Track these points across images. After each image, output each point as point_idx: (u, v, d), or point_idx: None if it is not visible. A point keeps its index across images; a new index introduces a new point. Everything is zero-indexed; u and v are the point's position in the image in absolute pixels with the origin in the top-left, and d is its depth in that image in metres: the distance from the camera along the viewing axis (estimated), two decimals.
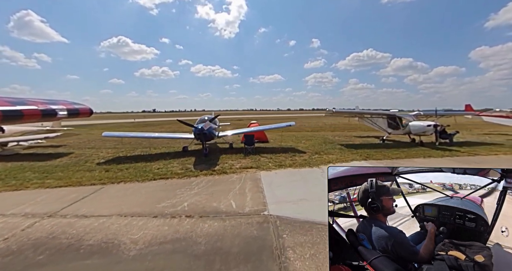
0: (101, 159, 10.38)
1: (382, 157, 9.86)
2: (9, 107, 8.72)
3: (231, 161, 9.46)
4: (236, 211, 4.97)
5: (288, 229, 4.17)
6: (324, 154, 10.46)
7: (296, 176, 7.37)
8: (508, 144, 13.32)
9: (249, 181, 6.97)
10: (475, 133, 20.16)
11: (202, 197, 5.78)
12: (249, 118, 47.23)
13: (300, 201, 5.39)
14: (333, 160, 9.36)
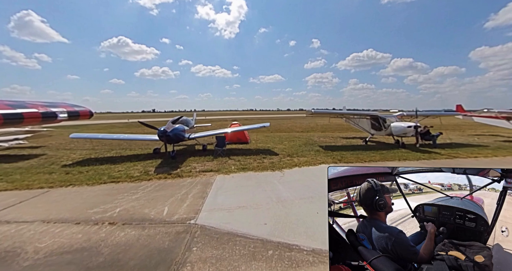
0: (70, 161, 10.14)
1: (354, 159, 9.70)
2: (9, 111, 8.75)
3: (195, 164, 9.26)
4: (162, 219, 4.79)
5: (203, 241, 3.98)
6: (296, 157, 10.23)
7: (252, 181, 7.15)
8: (494, 146, 13.11)
9: (199, 185, 6.77)
10: (466, 134, 19.95)
11: (140, 202, 5.62)
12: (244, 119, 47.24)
13: (237, 209, 5.22)
14: (302, 163, 9.13)
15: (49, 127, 18.06)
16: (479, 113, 19.89)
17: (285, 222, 4.55)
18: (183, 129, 11.12)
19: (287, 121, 39.54)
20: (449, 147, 12.81)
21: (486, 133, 19.52)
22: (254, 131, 22.14)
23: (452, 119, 22.34)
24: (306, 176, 7.50)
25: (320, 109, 15.79)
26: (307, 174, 7.67)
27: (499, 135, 18.19)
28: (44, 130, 16.10)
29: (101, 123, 39.52)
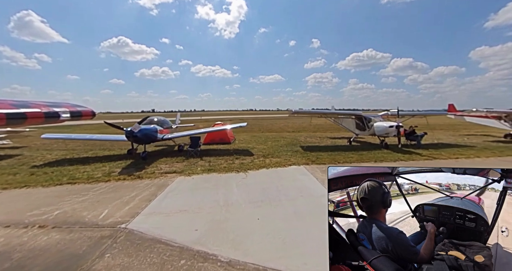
0: (42, 161, 10.05)
1: (329, 161, 9.50)
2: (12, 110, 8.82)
3: (163, 165, 9.16)
4: (95, 223, 4.68)
5: (121, 247, 3.83)
6: (270, 157, 10.13)
7: (210, 183, 7.05)
8: (481, 146, 12.91)
9: (153, 187, 6.68)
10: (458, 134, 19.68)
11: (83, 205, 5.52)
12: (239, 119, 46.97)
13: (176, 213, 5.09)
14: (272, 164, 9.00)
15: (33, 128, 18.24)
16: (468, 113, 19.53)
17: (217, 229, 4.42)
18: (155, 129, 11.03)
19: (281, 120, 39.52)
20: (434, 147, 12.64)
21: (478, 133, 19.29)
22: (244, 131, 22.38)
23: (447, 119, 21.98)
24: (269, 178, 7.37)
25: (303, 109, 15.73)
26: (271, 176, 7.55)
27: (491, 135, 18.00)
28: (26, 130, 16.13)
29: (96, 123, 39.58)
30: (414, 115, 16.45)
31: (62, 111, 10.92)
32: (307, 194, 5.87)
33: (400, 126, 11.91)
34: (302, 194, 5.91)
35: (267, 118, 48.86)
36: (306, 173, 7.80)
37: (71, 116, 11.46)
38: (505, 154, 10.62)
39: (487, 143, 13.96)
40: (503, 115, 16.18)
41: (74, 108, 12.10)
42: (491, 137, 17.13)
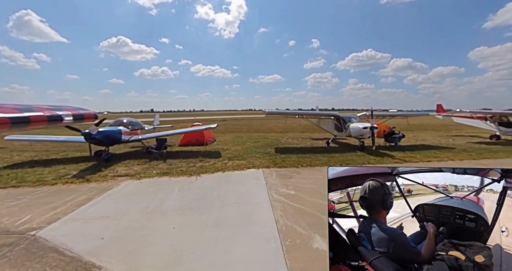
0: (6, 163, 9.89)
1: (293, 163, 9.06)
2: (16, 114, 8.88)
3: (122, 168, 8.89)
4: (7, 229, 4.44)
5: (13, 256, 3.60)
6: (235, 160, 9.85)
7: (155, 187, 6.73)
8: (461, 148, 12.49)
9: (94, 191, 6.40)
10: (446, 134, 19.23)
11: (12, 209, 5.30)
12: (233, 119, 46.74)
13: (97, 220, 4.84)
14: (232, 167, 8.69)
15: None
16: (452, 113, 18.95)
17: (124, 238, 4.16)
18: (118, 131, 10.89)
19: (273, 121, 38.58)
20: (412, 149, 12.18)
21: (467, 134, 18.85)
22: (231, 131, 22.18)
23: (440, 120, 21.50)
24: (217, 182, 7.08)
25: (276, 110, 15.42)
26: (220, 180, 7.25)
27: (479, 135, 17.60)
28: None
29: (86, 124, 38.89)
30: (394, 115, 15.90)
31: (65, 114, 10.99)
32: (245, 201, 5.59)
33: (374, 128, 11.44)
34: (240, 200, 5.63)
35: (260, 118, 48.41)
36: (260, 177, 7.48)
37: (73, 119, 11.53)
38: (481, 156, 10.23)
39: (469, 145, 13.66)
40: (488, 116, 15.88)
41: (76, 111, 12.18)
42: (478, 138, 16.79)
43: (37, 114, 9.65)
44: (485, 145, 13.37)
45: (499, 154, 10.71)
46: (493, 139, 15.56)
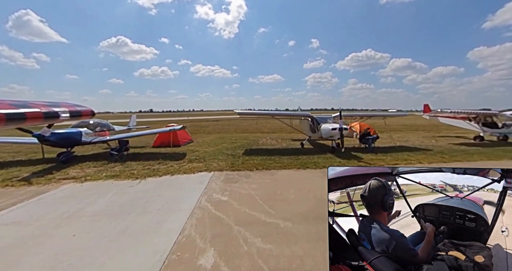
0: None
1: (253, 166, 8.83)
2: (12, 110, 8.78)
3: (75, 170, 8.69)
4: None
5: None
6: (195, 162, 9.69)
7: (92, 191, 6.53)
8: (438, 150, 12.12)
9: (28, 195, 6.21)
10: (431, 135, 18.99)
11: None
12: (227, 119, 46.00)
13: (7, 225, 4.66)
14: (185, 170, 8.48)
15: None
16: (435, 113, 18.39)
17: (15, 245, 3.94)
18: (78, 133, 10.80)
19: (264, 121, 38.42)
20: (386, 151, 11.82)
21: (453, 135, 18.62)
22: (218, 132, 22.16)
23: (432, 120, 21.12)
24: (156, 186, 6.88)
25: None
26: (162, 184, 7.07)
27: (465, 136, 17.41)
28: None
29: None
30: (371, 116, 15.57)
31: (62, 111, 10.88)
32: (167, 208, 5.37)
33: (344, 129, 11.11)
34: (164, 207, 5.41)
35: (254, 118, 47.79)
36: (204, 181, 7.26)
37: (70, 116, 11.43)
38: (453, 159, 9.98)
39: (449, 146, 13.28)
40: (471, 116, 15.59)
41: (73, 107, 12.06)
42: (464, 139, 16.59)
43: (33, 110, 9.54)
44: (465, 147, 13.13)
45: (473, 156, 10.50)
46: (476, 140, 15.33)
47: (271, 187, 6.60)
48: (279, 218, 4.77)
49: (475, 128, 15.70)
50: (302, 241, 3.90)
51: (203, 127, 29.72)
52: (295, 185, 6.76)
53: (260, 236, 4.09)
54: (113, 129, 13.86)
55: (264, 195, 6.02)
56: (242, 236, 4.12)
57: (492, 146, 13.20)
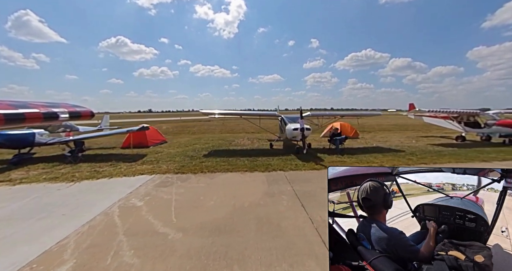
0: None
1: (200, 169, 8.52)
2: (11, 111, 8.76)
3: (20, 172, 8.38)
4: None
5: None
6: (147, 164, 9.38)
7: (14, 194, 6.25)
8: (411, 150, 11.65)
9: None
10: (415, 135, 18.48)
11: None
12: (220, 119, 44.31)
13: None
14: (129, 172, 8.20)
15: None
16: (414, 113, 17.61)
17: None
18: (31, 134, 10.72)
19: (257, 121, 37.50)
20: (354, 152, 11.35)
21: (438, 135, 18.03)
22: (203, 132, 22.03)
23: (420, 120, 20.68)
24: (87, 189, 6.64)
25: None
26: (93, 187, 6.82)
27: (449, 136, 16.91)
28: None
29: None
30: (343, 115, 14.91)
31: (61, 111, 10.87)
32: (75, 213, 5.07)
33: (305, 129, 10.57)
34: (70, 212, 5.13)
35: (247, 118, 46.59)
36: (136, 184, 6.97)
37: (69, 117, 11.41)
38: (420, 161, 9.52)
39: (425, 147, 12.70)
40: (452, 115, 15.05)
41: (73, 108, 12.03)
42: (447, 139, 16.07)
43: (33, 110, 9.53)
44: (442, 148, 12.60)
45: (444, 158, 10.00)
46: (458, 141, 14.84)
47: (199, 192, 6.20)
48: (175, 228, 4.37)
49: (457, 128, 15.34)
50: (175, 257, 3.50)
51: (190, 127, 29.22)
52: (225, 190, 6.38)
53: (136, 249, 3.72)
54: (77, 129, 13.73)
55: (183, 201, 5.67)
56: (117, 248, 3.75)
57: (470, 147, 12.74)
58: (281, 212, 4.91)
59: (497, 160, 9.56)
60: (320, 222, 4.38)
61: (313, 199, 5.56)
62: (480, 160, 9.61)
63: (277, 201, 5.48)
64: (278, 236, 3.97)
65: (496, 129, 13.54)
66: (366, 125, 30.16)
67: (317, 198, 5.56)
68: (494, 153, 10.79)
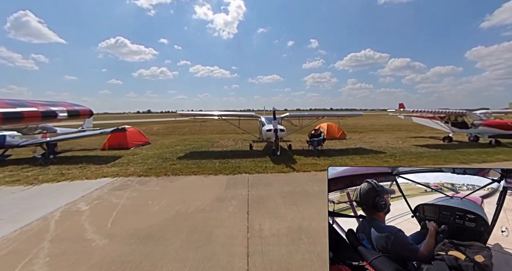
0: None
1: (164, 172, 8.32)
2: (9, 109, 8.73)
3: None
4: None
5: None
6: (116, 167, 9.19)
7: None
8: (392, 152, 11.31)
9: None
10: (405, 136, 18.22)
11: None
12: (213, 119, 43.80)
13: None
14: (100, 174, 8.08)
15: None
16: (399, 113, 17.14)
17: None
18: (2, 136, 10.84)
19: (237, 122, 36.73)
20: (332, 154, 11.01)
21: (427, 136, 17.80)
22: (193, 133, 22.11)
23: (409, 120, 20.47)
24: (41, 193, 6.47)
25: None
26: (48, 191, 6.65)
27: (436, 137, 16.57)
28: None
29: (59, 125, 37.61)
30: (324, 116, 14.39)
31: (60, 110, 10.82)
32: (13, 219, 4.90)
33: (279, 130, 10.32)
34: (8, 218, 4.95)
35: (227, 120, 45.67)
36: (92, 188, 6.82)
37: (68, 115, 11.37)
38: (396, 163, 9.21)
39: (409, 148, 12.32)
40: (438, 115, 14.75)
41: (71, 107, 11.98)
42: (434, 139, 15.78)
43: (31, 109, 9.49)
44: (425, 149, 12.27)
45: (422, 160, 9.67)
46: (445, 141, 14.56)
47: (150, 196, 6.01)
48: (104, 234, 4.18)
49: (444, 128, 15.10)
50: (86, 266, 3.33)
51: (181, 128, 28.65)
52: (179, 194, 6.19)
53: (52, 256, 3.53)
54: (54, 131, 13.66)
55: (130, 205, 5.50)
56: (34, 255, 3.58)
57: (454, 148, 12.35)
58: (221, 219, 4.68)
59: (476, 162, 9.21)
60: (257, 231, 4.17)
61: (263, 205, 5.30)
62: (459, 162, 9.32)
63: (224, 207, 5.25)
64: (203, 246, 3.76)
65: (482, 129, 13.24)
66: (359, 125, 30.25)
67: (267, 204, 5.33)
68: (476, 155, 10.48)
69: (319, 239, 3.81)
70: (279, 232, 4.15)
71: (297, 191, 6.22)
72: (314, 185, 6.60)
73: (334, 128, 17.03)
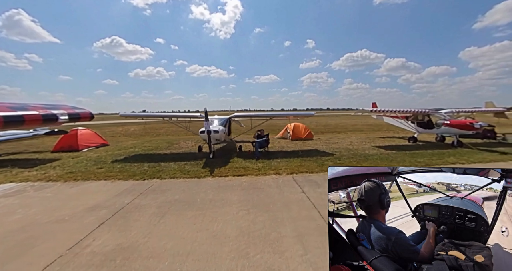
0: None
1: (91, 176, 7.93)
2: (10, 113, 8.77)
3: None
4: None
5: None
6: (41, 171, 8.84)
7: None
8: (341, 154, 10.99)
9: None
10: (383, 135, 17.87)
11: None
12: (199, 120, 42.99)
13: None
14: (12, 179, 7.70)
15: None
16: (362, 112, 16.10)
17: None
18: None
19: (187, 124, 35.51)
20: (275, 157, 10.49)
21: (399, 136, 17.34)
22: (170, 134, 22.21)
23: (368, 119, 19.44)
24: None
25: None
26: None
27: (405, 137, 16.07)
28: None
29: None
30: (272, 116, 13.77)
31: (60, 113, 10.88)
32: None
33: (213, 131, 9.94)
34: None
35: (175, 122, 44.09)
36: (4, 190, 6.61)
37: (69, 119, 11.41)
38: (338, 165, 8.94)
39: (363, 150, 11.83)
40: (403, 115, 14.37)
41: (72, 110, 12.04)
42: (403, 140, 15.35)
43: (32, 113, 9.55)
44: (382, 150, 11.79)
45: (365, 164, 9.31)
46: (410, 142, 14.18)
47: (27, 205, 5.60)
48: None
49: (409, 128, 14.77)
50: None
51: (158, 129, 27.62)
52: (62, 202, 5.82)
53: None
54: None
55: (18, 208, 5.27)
56: None
57: (410, 150, 11.90)
58: (68, 231, 4.29)
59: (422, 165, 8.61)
60: (81, 248, 3.75)
61: (130, 215, 4.89)
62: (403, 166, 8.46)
63: (86, 217, 4.87)
64: (15, 260, 3.42)
65: (445, 129, 12.90)
66: (340, 125, 30.29)
67: (134, 215, 4.89)
68: (428, 156, 10.22)
69: None
70: (104, 250, 3.69)
71: (184, 200, 5.74)
72: (211, 194, 6.11)
73: (301, 129, 16.50)
